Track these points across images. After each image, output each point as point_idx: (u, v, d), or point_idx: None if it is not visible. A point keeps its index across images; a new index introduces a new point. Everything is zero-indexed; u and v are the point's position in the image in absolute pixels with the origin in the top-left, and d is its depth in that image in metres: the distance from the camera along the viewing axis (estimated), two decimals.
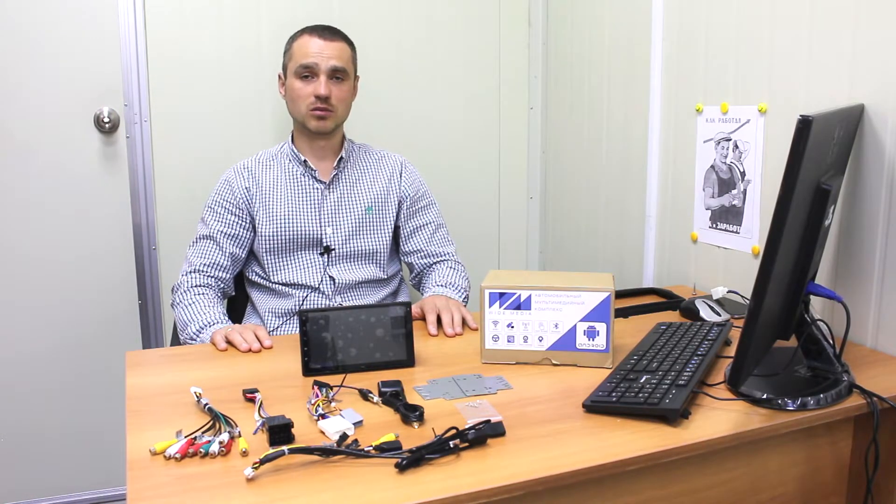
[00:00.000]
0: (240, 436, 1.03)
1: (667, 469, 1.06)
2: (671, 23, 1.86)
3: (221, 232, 1.74)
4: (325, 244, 1.78)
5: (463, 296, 1.79)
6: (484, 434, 1.00)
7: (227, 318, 1.61)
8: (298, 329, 1.30)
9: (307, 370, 1.28)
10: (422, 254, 1.87)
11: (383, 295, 1.85)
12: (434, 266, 1.87)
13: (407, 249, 1.88)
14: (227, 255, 1.74)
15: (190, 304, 1.63)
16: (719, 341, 1.34)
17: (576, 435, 1.04)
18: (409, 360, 1.32)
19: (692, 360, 1.22)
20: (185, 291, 1.67)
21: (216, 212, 1.76)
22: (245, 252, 1.78)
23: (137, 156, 2.09)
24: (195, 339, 1.57)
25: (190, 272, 1.71)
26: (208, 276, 1.71)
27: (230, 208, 1.76)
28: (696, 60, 1.78)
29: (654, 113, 1.93)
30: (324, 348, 1.29)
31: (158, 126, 2.10)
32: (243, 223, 1.76)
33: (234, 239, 1.75)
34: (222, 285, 1.74)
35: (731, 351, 1.27)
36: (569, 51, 2.32)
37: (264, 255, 1.77)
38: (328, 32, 1.76)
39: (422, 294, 1.82)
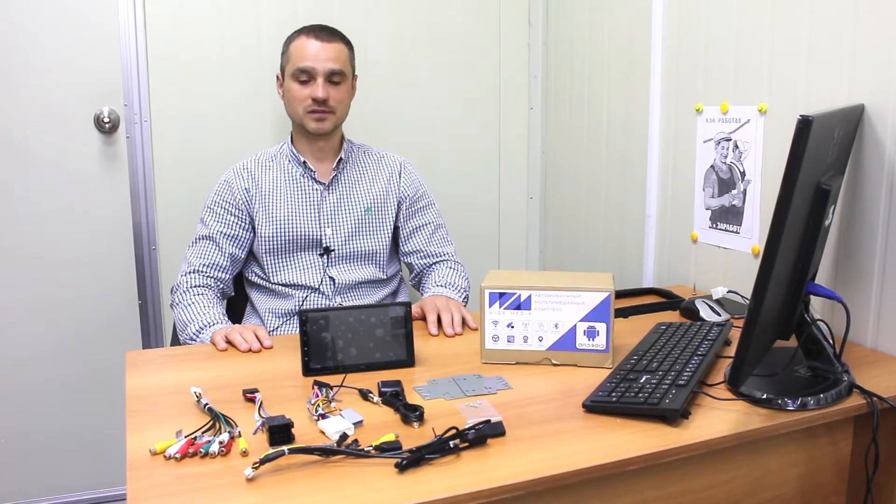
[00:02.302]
0: (240, 436, 1.03)
1: (667, 469, 1.06)
2: (671, 23, 1.86)
3: (221, 232, 1.74)
4: (324, 245, 1.78)
5: (463, 296, 1.79)
6: (484, 434, 1.00)
7: (226, 319, 1.61)
8: (298, 329, 1.30)
9: (307, 370, 1.28)
10: (421, 254, 1.87)
11: (383, 295, 1.85)
12: (434, 266, 1.87)
13: (406, 250, 1.88)
14: (226, 255, 1.74)
15: (189, 305, 1.63)
16: (719, 341, 1.34)
17: (576, 435, 1.04)
18: (409, 360, 1.32)
19: (692, 360, 1.22)
20: (184, 292, 1.67)
21: (215, 212, 1.76)
22: (244, 252, 1.78)
23: (137, 156, 2.09)
24: (195, 340, 1.57)
25: (189, 272, 1.71)
26: (207, 276, 1.71)
27: (229, 209, 1.76)
28: (696, 60, 1.78)
29: (654, 113, 1.93)
30: (324, 348, 1.29)
31: (158, 126, 2.10)
32: (242, 224, 1.76)
33: (233, 239, 1.75)
34: (222, 286, 1.74)
35: (731, 351, 1.27)
36: (569, 51, 2.32)
37: (264, 255, 1.77)
38: (325, 33, 1.76)
39: (421, 294, 1.82)
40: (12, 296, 2.05)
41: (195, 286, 1.68)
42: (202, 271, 1.71)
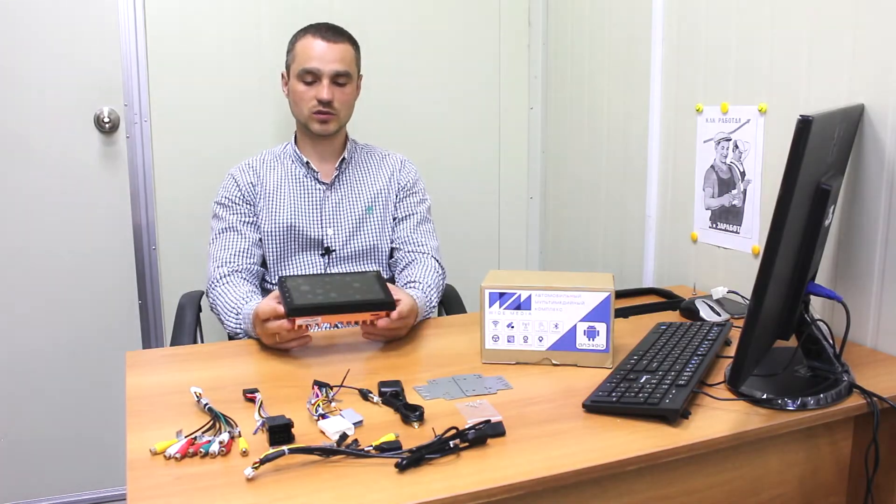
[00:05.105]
0: (240, 436, 1.03)
1: (667, 469, 1.06)
2: (671, 23, 1.86)
3: (239, 221, 1.74)
4: (325, 245, 1.78)
5: (426, 298, 1.66)
6: (484, 434, 1.00)
7: (251, 297, 1.57)
8: (279, 288, 1.34)
9: (291, 308, 1.30)
10: (402, 241, 1.83)
11: None
12: (412, 261, 1.80)
13: (392, 237, 1.86)
14: (250, 241, 1.73)
15: (220, 296, 1.61)
16: (719, 341, 1.34)
17: (576, 435, 1.04)
18: (388, 301, 1.38)
19: (692, 360, 1.22)
20: (214, 287, 1.65)
21: (227, 206, 1.76)
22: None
23: (137, 156, 2.09)
24: (239, 327, 1.54)
25: (217, 267, 1.68)
26: (236, 265, 1.69)
27: (239, 202, 1.76)
28: (696, 60, 1.78)
29: (654, 113, 1.93)
30: (304, 294, 1.34)
31: (158, 126, 2.10)
32: (256, 212, 1.76)
33: (252, 226, 1.75)
34: (253, 270, 1.72)
35: (731, 351, 1.27)
36: (569, 51, 2.32)
37: (266, 255, 1.77)
38: (331, 33, 1.76)
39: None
40: (12, 296, 2.05)
41: (224, 276, 1.66)
42: (230, 262, 1.69)
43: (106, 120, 2.05)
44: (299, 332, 1.36)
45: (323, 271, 1.78)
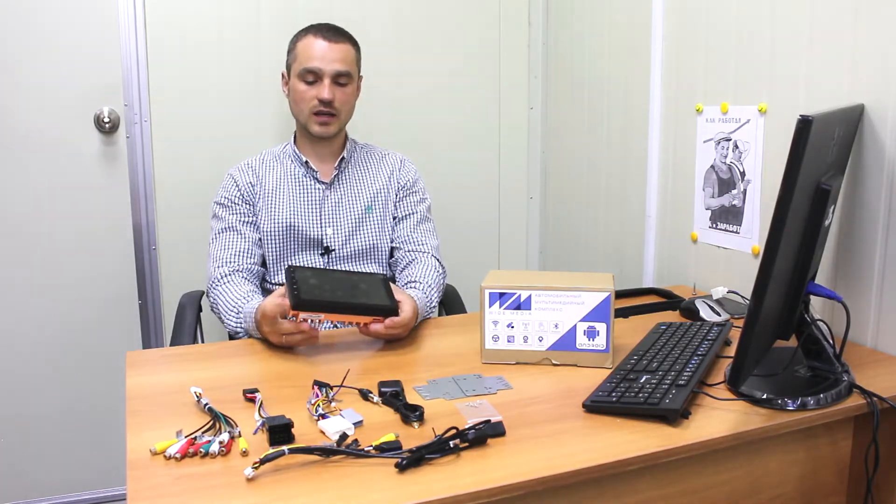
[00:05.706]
0: (240, 436, 1.03)
1: (667, 469, 1.06)
2: (671, 23, 1.86)
3: (239, 221, 1.74)
4: (325, 245, 1.78)
5: (427, 301, 1.66)
6: (484, 434, 1.00)
7: (251, 297, 1.57)
8: (285, 277, 1.35)
9: (297, 302, 1.31)
10: (402, 241, 1.83)
11: None
12: (412, 261, 1.80)
13: (392, 236, 1.86)
14: (249, 241, 1.73)
15: (221, 295, 1.61)
16: (719, 341, 1.34)
17: (576, 435, 1.04)
18: (392, 307, 1.39)
19: (692, 360, 1.22)
20: (215, 287, 1.64)
21: (227, 206, 1.76)
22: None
23: (137, 156, 2.09)
24: (241, 327, 1.54)
25: (217, 267, 1.68)
26: (236, 265, 1.69)
27: (239, 202, 1.76)
28: (696, 60, 1.78)
29: (654, 113, 1.93)
30: (311, 287, 1.35)
31: (158, 126, 2.10)
32: (255, 212, 1.76)
33: (251, 226, 1.75)
34: (254, 271, 1.72)
35: (731, 351, 1.27)
36: (569, 51, 2.32)
37: (266, 255, 1.77)
38: (333, 33, 1.76)
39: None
40: (12, 296, 2.05)
41: (224, 276, 1.66)
42: (230, 261, 1.69)
43: (106, 120, 2.05)
44: (303, 325, 1.37)
45: None
